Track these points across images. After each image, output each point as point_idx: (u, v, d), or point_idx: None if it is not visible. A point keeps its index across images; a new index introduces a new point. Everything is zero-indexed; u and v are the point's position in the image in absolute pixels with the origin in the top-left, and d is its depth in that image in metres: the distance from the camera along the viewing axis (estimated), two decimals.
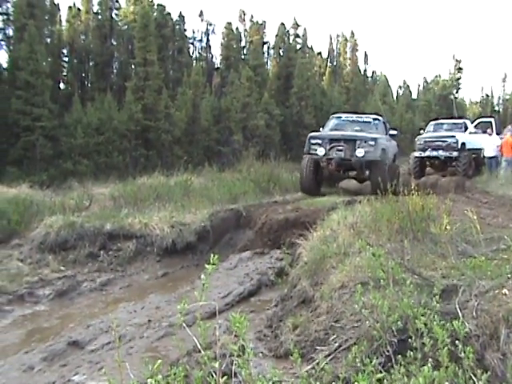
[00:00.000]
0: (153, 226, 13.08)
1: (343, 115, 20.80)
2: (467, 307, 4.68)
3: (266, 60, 64.22)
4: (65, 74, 49.16)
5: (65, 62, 50.37)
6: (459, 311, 4.53)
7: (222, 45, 59.90)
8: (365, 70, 77.92)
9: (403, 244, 6.68)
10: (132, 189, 18.00)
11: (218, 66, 61.60)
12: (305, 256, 9.17)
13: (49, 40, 46.44)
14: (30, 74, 35.86)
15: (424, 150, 22.86)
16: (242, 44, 62.61)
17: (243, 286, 10.08)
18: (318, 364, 4.12)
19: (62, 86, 48.01)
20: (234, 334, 7.02)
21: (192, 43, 62.91)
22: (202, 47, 64.13)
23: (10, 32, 46.01)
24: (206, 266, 3.26)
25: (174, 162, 33.03)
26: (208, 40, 63.54)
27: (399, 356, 3.78)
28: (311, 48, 70.01)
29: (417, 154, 23.24)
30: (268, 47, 66.63)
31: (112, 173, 31.00)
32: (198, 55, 63.80)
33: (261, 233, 13.45)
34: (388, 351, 4.14)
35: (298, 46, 65.77)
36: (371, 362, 3.38)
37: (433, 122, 26.52)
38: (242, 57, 60.29)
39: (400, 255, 6.12)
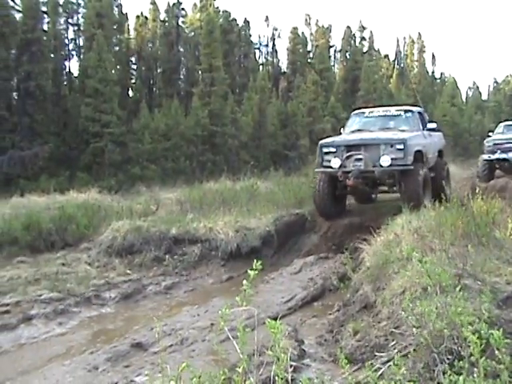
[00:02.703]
0: (218, 231, 13.16)
1: (366, 111, 15.96)
2: None
3: (332, 64, 63.91)
4: (133, 81, 49.96)
5: (133, 69, 51.21)
6: None
7: (287, 49, 59.93)
8: (433, 72, 76.84)
9: (467, 249, 6.56)
10: (198, 193, 18.17)
11: (285, 70, 61.62)
12: (368, 261, 9.11)
13: (117, 48, 47.27)
14: (98, 81, 36.54)
15: (493, 153, 21.91)
16: (308, 48, 62.50)
17: (306, 291, 10.06)
18: (376, 370, 4.08)
19: (130, 92, 48.77)
20: (294, 338, 7.02)
21: (258, 48, 63.12)
22: (268, 52, 64.28)
23: (81, 42, 47.16)
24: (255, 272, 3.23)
25: (240, 167, 33.15)
26: (274, 45, 63.63)
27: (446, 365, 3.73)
28: (378, 51, 69.40)
29: (485, 156, 22.16)
30: (334, 51, 66.36)
31: (179, 178, 31.31)
32: (264, 60, 63.93)
33: (325, 237, 13.38)
34: (448, 359, 4.07)
35: (365, 49, 65.24)
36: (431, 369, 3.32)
37: (503, 124, 25.22)
38: (308, 61, 60.15)
39: (463, 260, 6.01)
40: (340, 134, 15.40)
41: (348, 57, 63.35)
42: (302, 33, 61.43)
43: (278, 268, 11.81)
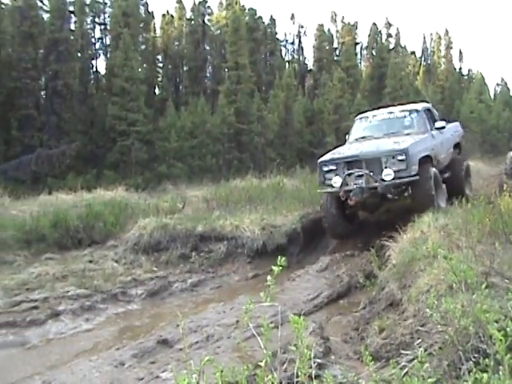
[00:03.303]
0: (244, 228, 13.17)
1: (370, 115, 14.95)
2: None
3: (358, 61, 63.65)
4: (159, 79, 50.17)
5: (159, 67, 51.45)
6: None
7: (313, 47, 59.86)
8: (460, 68, 76.17)
9: (494, 247, 6.50)
10: (224, 191, 18.19)
11: (311, 68, 61.53)
12: (394, 258, 9.06)
13: (143, 47, 47.57)
14: (125, 80, 36.76)
15: None
16: (334, 45, 62.35)
17: (332, 288, 10.02)
18: (401, 368, 4.06)
19: (156, 91, 49.00)
20: (319, 335, 7.01)
21: (284, 46, 63.09)
22: (294, 50, 64.23)
23: (107, 41, 47.50)
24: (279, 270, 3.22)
25: (266, 164, 33.15)
26: (300, 42, 63.55)
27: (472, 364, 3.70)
28: (404, 47, 68.97)
29: None
30: (360, 48, 66.13)
31: (205, 175, 31.38)
32: (290, 58, 63.86)
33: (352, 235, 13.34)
34: (474, 357, 4.03)
35: (391, 46, 64.92)
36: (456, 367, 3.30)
37: None
38: (335, 58, 60.01)
39: (490, 258, 5.96)
40: (345, 141, 14.55)
41: (374, 54, 63.11)
42: (328, 30, 61.35)
43: (303, 265, 11.77)
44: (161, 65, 51.72)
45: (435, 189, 12.12)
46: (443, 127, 13.88)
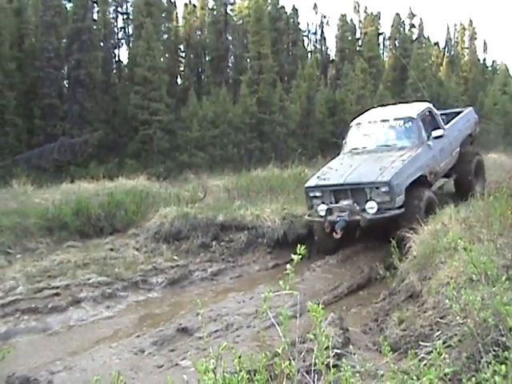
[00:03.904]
0: (264, 218, 13.17)
1: (364, 121, 13.94)
2: None
3: (381, 51, 63.31)
4: (181, 69, 50.24)
5: (181, 57, 51.50)
6: None
7: (336, 37, 59.61)
8: (484, 60, 75.42)
9: None
10: (245, 181, 18.20)
11: (333, 58, 61.30)
12: (414, 250, 9.03)
13: (166, 37, 47.59)
14: (147, 69, 36.84)
15: None
16: (357, 36, 62.02)
17: (352, 279, 10.05)
18: (420, 360, 4.05)
19: (178, 80, 49.07)
20: (339, 326, 7.01)
21: (306, 36, 62.85)
22: (316, 40, 63.97)
23: (130, 30, 47.69)
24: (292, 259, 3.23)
25: (288, 155, 33.09)
26: (322, 32, 63.27)
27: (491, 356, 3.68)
28: (427, 38, 68.44)
29: None
30: (383, 38, 65.73)
31: (227, 165, 31.40)
32: (312, 48, 63.66)
33: (372, 226, 13.27)
34: (494, 350, 4.02)
35: (414, 37, 64.42)
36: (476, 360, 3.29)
37: None
38: (357, 48, 59.72)
39: (511, 251, 5.93)
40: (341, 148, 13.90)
41: (397, 44, 62.67)
42: (351, 20, 61.08)
43: (324, 256, 11.76)
44: (183, 54, 51.75)
45: (426, 208, 11.22)
46: (441, 136, 12.87)
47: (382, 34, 64.83)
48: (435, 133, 12.81)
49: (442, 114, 14.98)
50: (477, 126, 15.86)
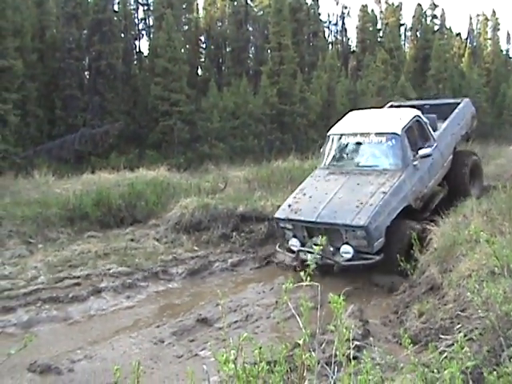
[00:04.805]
0: None
1: (343, 133, 12.30)
2: None
3: (402, 42, 62.85)
4: (202, 60, 50.22)
5: (202, 48, 51.48)
6: None
7: (357, 28, 59.26)
8: (507, 51, 74.65)
9: None
10: (266, 172, 18.21)
11: (354, 49, 61.00)
12: (435, 242, 8.97)
13: (186, 28, 47.65)
14: (168, 60, 36.85)
15: None
16: (378, 26, 61.62)
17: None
18: (440, 353, 4.02)
19: (199, 71, 49.07)
20: (359, 318, 6.98)
21: (327, 27, 62.54)
22: (337, 30, 63.62)
23: (150, 21, 47.77)
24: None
25: (308, 146, 33.00)
26: (343, 23, 63.00)
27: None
28: (449, 29, 67.73)
29: None
30: (404, 29, 65.22)
31: (247, 156, 31.41)
32: (333, 39, 63.36)
33: None
34: None
35: (436, 27, 63.87)
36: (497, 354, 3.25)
37: None
38: (378, 39, 59.36)
39: None
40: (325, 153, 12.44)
41: (419, 35, 62.19)
42: (372, 11, 60.62)
43: None
44: (203, 45, 51.75)
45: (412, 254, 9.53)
46: (429, 155, 11.38)
47: (403, 24, 64.35)
48: (422, 152, 11.29)
49: (434, 105, 14.00)
50: (474, 120, 14.15)
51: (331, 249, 9.89)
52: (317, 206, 10.37)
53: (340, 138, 12.33)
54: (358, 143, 11.89)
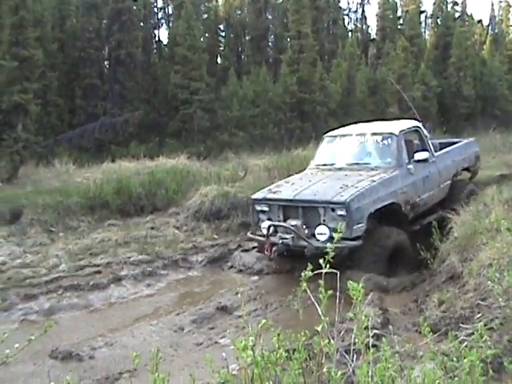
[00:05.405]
0: None
1: (338, 135, 12.13)
2: None
3: (422, 30, 62.33)
4: (221, 48, 50.15)
5: (221, 36, 51.39)
6: None
7: (377, 15, 58.77)
8: None
9: None
10: (286, 160, 18.22)
11: (374, 37, 60.62)
12: (455, 231, 8.93)
13: (205, 16, 47.55)
14: (187, 49, 36.79)
15: None
16: (398, 14, 61.11)
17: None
18: (460, 342, 4.01)
19: (218, 60, 49.01)
20: (378, 306, 6.97)
21: (347, 15, 62.18)
22: (357, 18, 63.24)
23: (170, 10, 47.77)
24: None
25: None
26: (363, 11, 62.73)
27: None
28: (471, 16, 67.03)
29: None
30: (425, 16, 64.66)
31: (267, 144, 31.40)
32: (353, 27, 62.98)
33: None
34: None
35: (457, 14, 63.24)
36: None
37: None
38: (398, 27, 58.89)
39: None
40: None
41: (439, 22, 61.60)
42: None
43: None
44: (223, 34, 51.65)
45: (391, 256, 9.34)
46: (425, 160, 10.92)
47: (423, 12, 63.76)
48: (419, 155, 10.85)
49: (440, 143, 13.45)
50: (477, 161, 13.69)
51: (306, 231, 9.35)
52: (298, 188, 10.01)
53: (334, 139, 12.12)
54: (352, 143, 11.55)
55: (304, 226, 9.39)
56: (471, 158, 13.31)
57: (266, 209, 10.18)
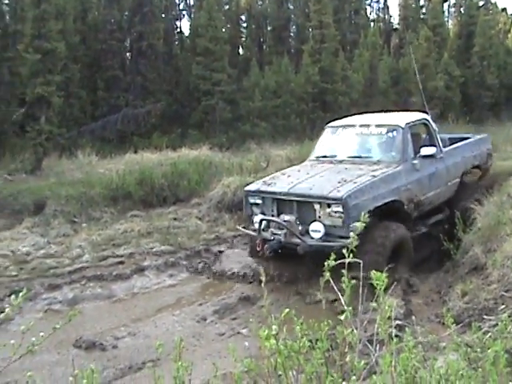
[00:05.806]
0: None
1: (341, 126, 11.81)
2: None
3: (445, 19, 61.79)
4: (243, 39, 50.07)
5: (243, 27, 51.30)
6: None
7: (399, 5, 58.34)
8: None
9: None
10: (308, 150, 18.12)
11: (396, 26, 60.18)
12: (479, 222, 8.87)
13: (227, 7, 47.51)
14: (209, 40, 36.74)
15: None
16: (421, 3, 60.61)
17: (416, 251, 9.89)
18: (483, 333, 3.98)
19: (240, 51, 48.94)
20: (401, 297, 6.95)
21: (369, 4, 61.76)
22: (379, 8, 62.78)
23: (191, 1, 47.80)
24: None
25: None
26: (385, 0, 62.16)
27: None
28: (495, 4, 66.13)
29: None
30: (448, 5, 64.02)
31: (289, 135, 31.35)
32: (375, 16, 62.57)
33: None
34: None
35: (480, 3, 62.50)
36: None
37: None
38: (421, 16, 58.42)
39: None
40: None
41: (462, 11, 61.02)
42: None
43: None
44: (244, 25, 51.54)
45: (391, 254, 8.79)
46: (432, 156, 10.41)
47: (446, 0, 63.17)
48: (425, 150, 10.30)
49: (449, 139, 12.72)
50: (489, 158, 13.01)
51: (300, 227, 9.06)
52: (293, 181, 9.68)
53: (336, 130, 11.78)
54: (355, 135, 11.11)
55: (298, 222, 9.13)
56: (483, 156, 12.66)
57: (259, 202, 9.90)
